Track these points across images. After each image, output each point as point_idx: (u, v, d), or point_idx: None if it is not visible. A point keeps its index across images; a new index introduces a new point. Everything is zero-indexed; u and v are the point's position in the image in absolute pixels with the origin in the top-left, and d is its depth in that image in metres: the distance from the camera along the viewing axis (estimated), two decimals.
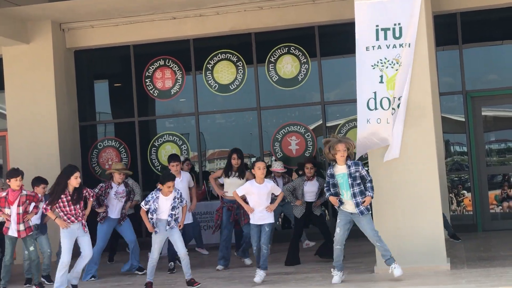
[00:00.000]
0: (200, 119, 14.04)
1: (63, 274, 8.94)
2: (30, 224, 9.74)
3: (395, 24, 9.00)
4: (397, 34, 9.00)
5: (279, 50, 13.74)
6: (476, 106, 12.90)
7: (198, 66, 14.04)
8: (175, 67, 14.19)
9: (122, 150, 14.33)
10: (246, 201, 9.39)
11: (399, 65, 8.99)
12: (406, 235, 9.00)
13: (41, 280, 9.97)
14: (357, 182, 8.60)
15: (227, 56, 13.97)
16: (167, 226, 9.06)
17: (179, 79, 14.16)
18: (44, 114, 13.39)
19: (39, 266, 9.79)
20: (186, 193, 10.54)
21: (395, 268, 8.48)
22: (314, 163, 10.64)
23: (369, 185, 8.64)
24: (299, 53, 13.66)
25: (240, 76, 13.88)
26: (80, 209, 8.98)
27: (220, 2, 13.23)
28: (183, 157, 13.59)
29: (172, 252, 10.29)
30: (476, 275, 8.45)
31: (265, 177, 9.39)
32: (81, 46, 14.19)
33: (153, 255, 9.12)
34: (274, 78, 13.73)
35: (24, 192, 9.59)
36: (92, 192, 9.40)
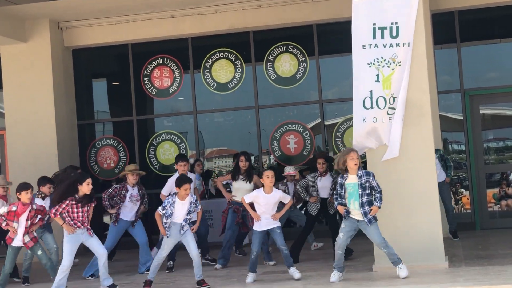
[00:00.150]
0: (198, 117, 14.03)
1: (62, 278, 8.94)
2: (35, 234, 9.87)
3: (392, 23, 8.98)
4: (394, 34, 8.98)
5: (277, 49, 13.74)
6: (474, 104, 12.91)
7: (196, 64, 14.03)
8: (174, 65, 14.18)
9: (120, 149, 14.32)
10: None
11: (396, 65, 8.98)
12: (404, 233, 9.00)
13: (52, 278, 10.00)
14: (367, 192, 8.59)
15: (226, 54, 13.96)
16: (181, 230, 9.04)
17: (177, 78, 14.15)
18: (42, 113, 13.39)
19: (53, 267, 9.78)
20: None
21: (401, 269, 8.50)
22: (326, 158, 10.54)
23: (378, 196, 8.61)
24: (297, 51, 13.65)
25: (238, 74, 13.88)
26: (86, 215, 9.00)
27: (219, 1, 13.22)
28: (194, 158, 13.43)
29: (172, 252, 10.25)
30: (474, 273, 8.46)
31: (277, 181, 9.24)
32: (79, 45, 14.18)
33: (161, 254, 9.12)
34: (272, 77, 13.73)
35: (34, 207, 9.75)
36: (94, 198, 9.34)
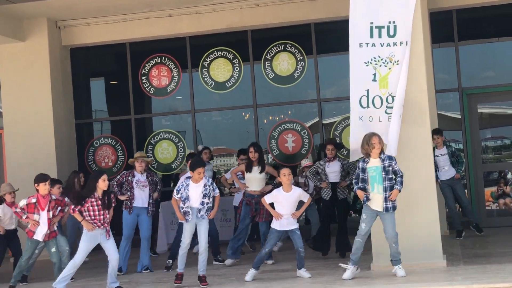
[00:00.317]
0: (196, 116, 14.03)
1: (69, 274, 8.94)
2: (55, 228, 9.82)
3: (389, 22, 8.96)
4: (391, 33, 8.95)
5: (275, 48, 13.74)
6: (472, 103, 12.92)
7: (194, 63, 14.03)
8: (171, 64, 14.17)
9: (119, 148, 14.32)
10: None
11: (393, 64, 8.95)
12: (402, 232, 8.96)
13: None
14: (389, 176, 8.51)
15: (223, 53, 13.95)
16: (198, 213, 8.97)
17: (175, 77, 14.15)
18: (40, 112, 13.38)
19: (61, 268, 9.74)
20: None
21: (400, 269, 8.51)
22: (335, 144, 10.64)
23: (399, 179, 8.52)
24: (296, 50, 13.65)
25: (236, 73, 13.87)
26: (107, 216, 8.98)
27: (216, 0, 13.22)
28: (202, 146, 13.30)
29: (174, 251, 10.22)
30: (473, 272, 8.46)
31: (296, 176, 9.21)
32: (77, 44, 14.17)
33: (184, 242, 9.06)
34: (270, 76, 13.73)
35: (53, 197, 9.73)
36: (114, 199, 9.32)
